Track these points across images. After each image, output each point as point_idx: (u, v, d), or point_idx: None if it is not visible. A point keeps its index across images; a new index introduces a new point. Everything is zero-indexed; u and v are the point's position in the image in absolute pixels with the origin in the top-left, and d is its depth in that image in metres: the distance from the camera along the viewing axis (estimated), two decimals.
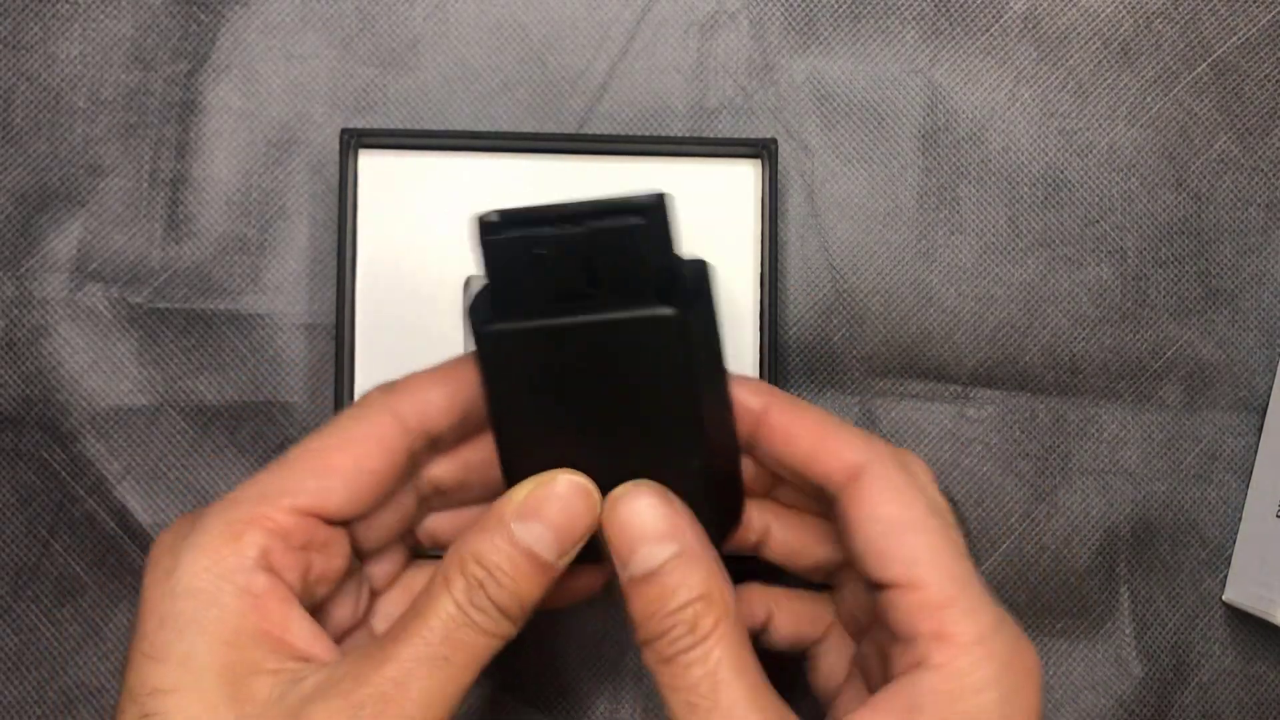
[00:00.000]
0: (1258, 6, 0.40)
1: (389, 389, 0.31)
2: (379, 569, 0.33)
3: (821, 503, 0.32)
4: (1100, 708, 0.40)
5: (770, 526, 0.34)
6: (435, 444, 0.31)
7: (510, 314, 0.28)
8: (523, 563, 0.28)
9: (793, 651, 0.35)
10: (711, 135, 0.39)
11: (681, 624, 0.28)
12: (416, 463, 0.31)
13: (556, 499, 0.29)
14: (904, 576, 0.28)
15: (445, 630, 0.28)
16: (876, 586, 0.29)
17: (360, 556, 0.32)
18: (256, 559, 0.28)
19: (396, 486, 0.31)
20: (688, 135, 0.39)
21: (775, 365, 0.38)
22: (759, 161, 0.38)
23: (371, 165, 0.38)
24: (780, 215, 0.39)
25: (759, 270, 0.38)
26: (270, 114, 0.39)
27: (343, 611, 0.32)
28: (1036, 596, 0.40)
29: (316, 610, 0.31)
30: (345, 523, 0.30)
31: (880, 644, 0.31)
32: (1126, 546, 0.40)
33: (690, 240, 0.38)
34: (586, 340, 0.28)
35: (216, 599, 0.28)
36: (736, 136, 0.39)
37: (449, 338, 0.38)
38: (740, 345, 0.38)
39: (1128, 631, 0.40)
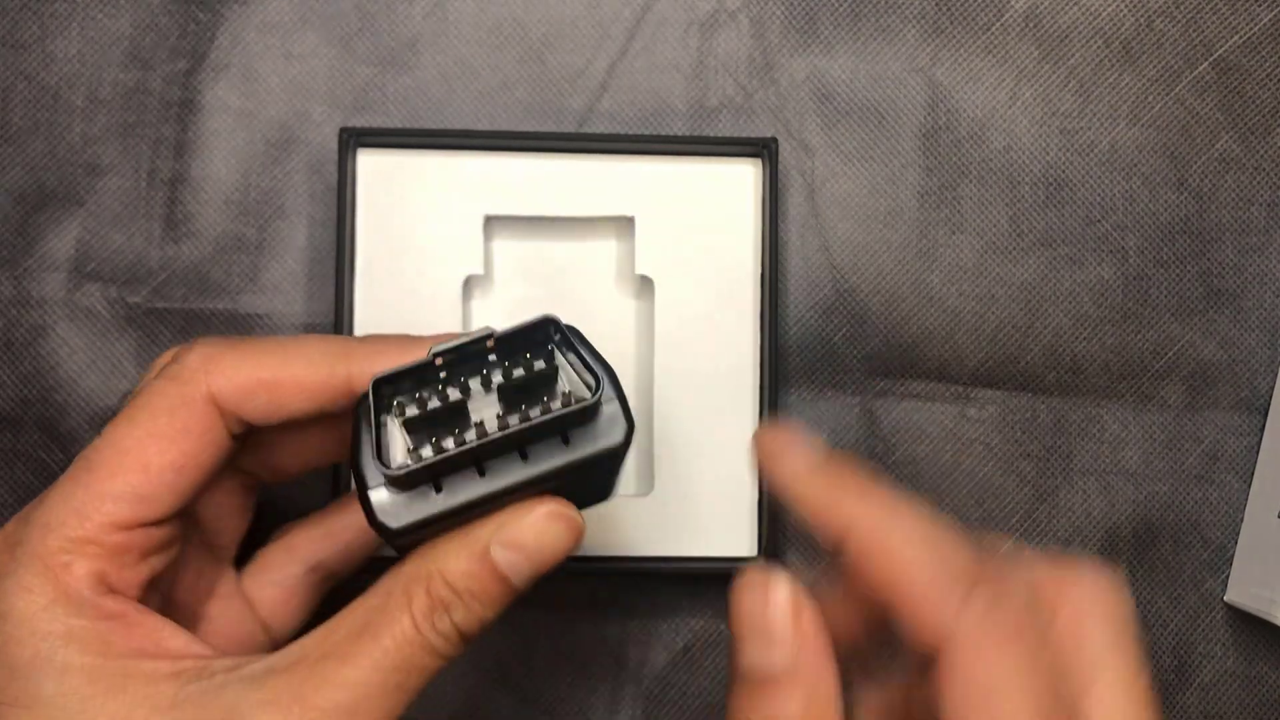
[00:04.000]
0: (1259, 5, 0.40)
1: (209, 356, 0.29)
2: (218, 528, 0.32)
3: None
4: None
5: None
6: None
7: (416, 491, 0.27)
8: (494, 587, 0.27)
9: None
10: (711, 134, 0.39)
11: None
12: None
13: (541, 529, 0.27)
14: None
15: (401, 654, 0.27)
16: None
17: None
18: (96, 585, 0.27)
19: (226, 460, 0.30)
20: (688, 134, 0.39)
21: (775, 365, 0.38)
22: (759, 161, 0.38)
23: (370, 164, 0.37)
24: (780, 215, 0.39)
25: (759, 270, 0.38)
26: (269, 113, 0.39)
27: (186, 582, 0.31)
28: None
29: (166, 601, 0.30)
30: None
31: None
32: (1128, 547, 0.40)
33: (691, 240, 0.38)
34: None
35: (72, 636, 0.27)
36: (736, 136, 0.39)
37: None
38: (740, 345, 0.38)
39: None
